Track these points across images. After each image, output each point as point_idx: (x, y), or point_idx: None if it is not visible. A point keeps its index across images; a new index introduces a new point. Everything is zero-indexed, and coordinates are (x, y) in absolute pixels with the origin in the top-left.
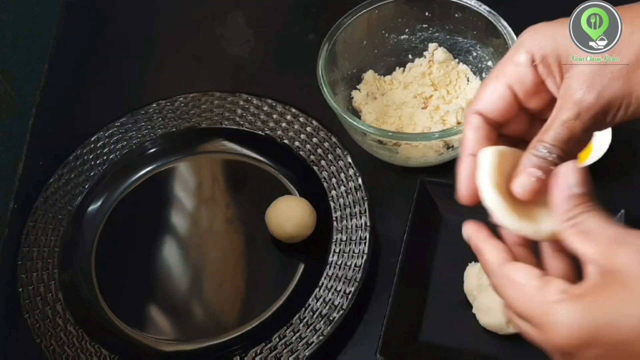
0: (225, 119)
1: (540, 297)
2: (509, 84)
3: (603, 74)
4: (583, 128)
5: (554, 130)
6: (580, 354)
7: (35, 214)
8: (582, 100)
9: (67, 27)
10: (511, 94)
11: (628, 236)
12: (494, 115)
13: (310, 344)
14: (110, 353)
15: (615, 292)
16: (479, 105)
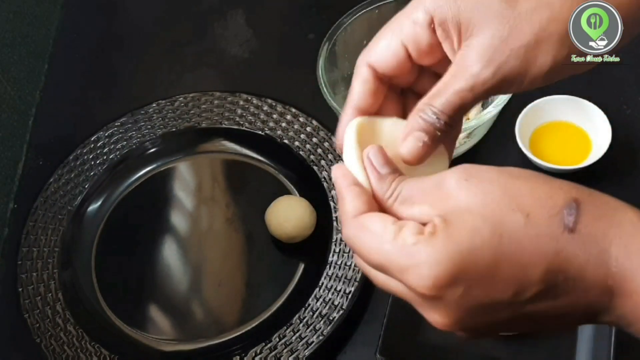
0: (225, 119)
1: (398, 242)
2: (404, 42)
3: (502, 51)
4: (474, 100)
5: (445, 97)
6: (446, 295)
7: (35, 214)
8: (479, 75)
9: (67, 27)
10: (405, 52)
11: (445, 178)
12: (385, 70)
13: (310, 344)
14: (110, 353)
15: (462, 224)
16: (372, 57)
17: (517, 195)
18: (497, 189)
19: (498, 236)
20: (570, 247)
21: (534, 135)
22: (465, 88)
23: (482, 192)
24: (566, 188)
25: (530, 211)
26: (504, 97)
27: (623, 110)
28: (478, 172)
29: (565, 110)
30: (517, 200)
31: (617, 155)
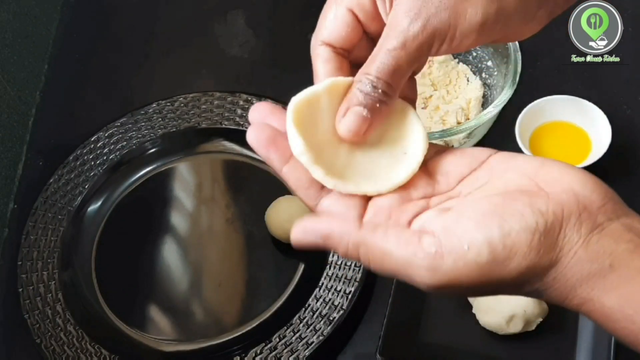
0: (225, 119)
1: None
2: (349, 7)
3: (430, 4)
4: (408, 60)
5: (379, 59)
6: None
7: (35, 214)
8: (408, 30)
9: (67, 27)
10: (353, 17)
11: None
12: (341, 42)
13: (310, 344)
14: (110, 353)
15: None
16: (324, 34)
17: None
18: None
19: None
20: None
21: (534, 135)
22: (396, 46)
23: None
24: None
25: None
26: (504, 97)
27: (623, 110)
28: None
29: (565, 110)
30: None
31: (617, 155)
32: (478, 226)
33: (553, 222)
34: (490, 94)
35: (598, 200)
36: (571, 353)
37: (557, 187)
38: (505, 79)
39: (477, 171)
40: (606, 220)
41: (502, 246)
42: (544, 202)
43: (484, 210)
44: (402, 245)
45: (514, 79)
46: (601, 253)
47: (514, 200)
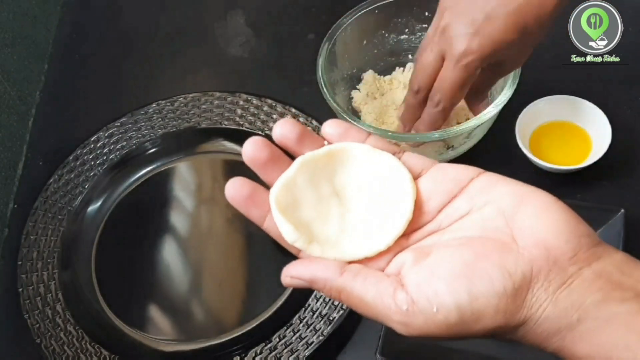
0: (225, 119)
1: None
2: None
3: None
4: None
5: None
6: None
7: (35, 214)
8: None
9: (67, 27)
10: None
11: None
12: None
13: (310, 344)
14: (110, 353)
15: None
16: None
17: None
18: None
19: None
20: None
21: (534, 135)
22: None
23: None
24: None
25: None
26: (504, 97)
27: (623, 110)
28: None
29: (565, 110)
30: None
31: (617, 155)
32: (448, 289)
33: (521, 284)
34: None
35: (570, 250)
36: None
37: (530, 239)
38: (505, 79)
39: (457, 199)
40: (577, 270)
41: (470, 311)
42: (513, 260)
43: (454, 270)
44: (378, 298)
45: (514, 78)
46: (569, 308)
47: (484, 258)
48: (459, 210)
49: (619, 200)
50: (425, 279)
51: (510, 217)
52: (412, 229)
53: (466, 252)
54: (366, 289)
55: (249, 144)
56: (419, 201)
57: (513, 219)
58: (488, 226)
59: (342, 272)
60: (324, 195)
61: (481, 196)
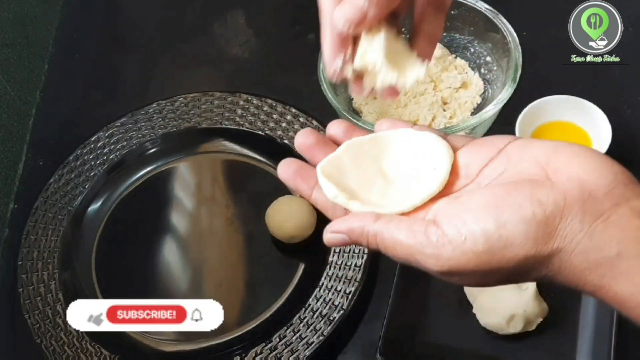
0: (225, 119)
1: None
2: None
3: None
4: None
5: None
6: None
7: (35, 214)
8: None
9: (67, 27)
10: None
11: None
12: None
13: (311, 344)
14: (110, 353)
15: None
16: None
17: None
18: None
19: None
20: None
21: (534, 135)
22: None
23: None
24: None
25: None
26: (504, 95)
27: (623, 110)
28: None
29: (565, 110)
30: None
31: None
32: (476, 218)
33: (553, 211)
34: (489, 90)
35: (605, 184)
36: (571, 353)
37: (564, 175)
38: (507, 75)
39: (494, 160)
40: (613, 205)
41: (498, 236)
42: (545, 191)
43: (485, 202)
44: (411, 235)
45: (515, 74)
46: (607, 242)
47: (516, 192)
48: (496, 169)
49: None
50: (456, 213)
51: (545, 163)
52: (452, 190)
53: (498, 189)
54: (399, 230)
55: (299, 134)
56: (457, 166)
57: (548, 164)
58: (523, 174)
59: (377, 219)
60: (368, 173)
61: (518, 154)
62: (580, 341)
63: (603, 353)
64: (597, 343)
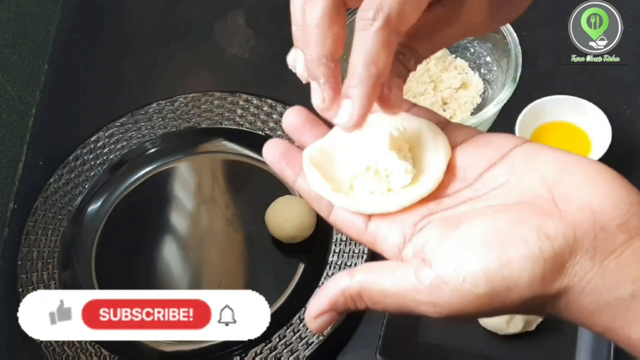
0: (225, 119)
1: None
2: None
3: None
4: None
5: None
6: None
7: (35, 214)
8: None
9: (67, 27)
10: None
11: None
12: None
13: (310, 344)
14: (110, 353)
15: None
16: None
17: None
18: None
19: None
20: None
21: (534, 135)
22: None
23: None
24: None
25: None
26: (504, 95)
27: (623, 110)
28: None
29: (565, 110)
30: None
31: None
32: (476, 256)
33: (562, 246)
34: (489, 91)
35: (619, 216)
36: (571, 353)
37: (574, 204)
38: (507, 75)
39: (497, 166)
40: (627, 239)
41: (501, 277)
42: (553, 223)
43: (485, 235)
44: (399, 282)
45: (514, 74)
46: (621, 281)
47: (520, 223)
48: (498, 178)
49: None
50: (452, 250)
51: (552, 184)
52: (446, 194)
53: (500, 219)
54: (383, 278)
55: (288, 112)
56: (454, 166)
57: (555, 186)
58: (528, 193)
59: (353, 274)
60: (357, 164)
61: (523, 164)
62: (580, 341)
63: (603, 353)
64: (597, 343)
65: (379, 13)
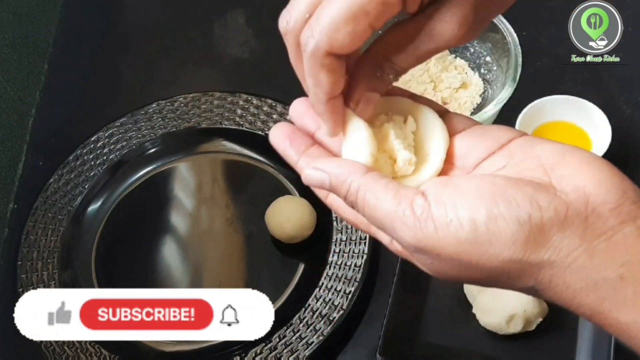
0: (225, 119)
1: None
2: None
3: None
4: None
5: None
6: (419, 259)
7: (35, 214)
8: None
9: (67, 27)
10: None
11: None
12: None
13: (311, 344)
14: (110, 353)
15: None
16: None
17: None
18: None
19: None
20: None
21: (533, 135)
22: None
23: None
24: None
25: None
26: (504, 95)
27: (623, 110)
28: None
29: (565, 110)
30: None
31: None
32: (468, 204)
33: (551, 219)
34: (489, 90)
35: (613, 201)
36: (571, 353)
37: (569, 185)
38: (506, 75)
39: (494, 155)
40: (618, 223)
41: (485, 229)
42: (548, 197)
43: (481, 189)
44: (396, 199)
45: (514, 74)
46: (609, 262)
47: (517, 188)
48: (496, 164)
49: None
50: (448, 194)
51: (550, 168)
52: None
53: (499, 179)
54: (387, 191)
55: (296, 102)
56: (452, 155)
57: (553, 170)
58: (525, 173)
59: (367, 172)
60: (366, 149)
61: (521, 153)
62: (580, 341)
63: (603, 353)
64: (597, 343)
65: (309, 40)
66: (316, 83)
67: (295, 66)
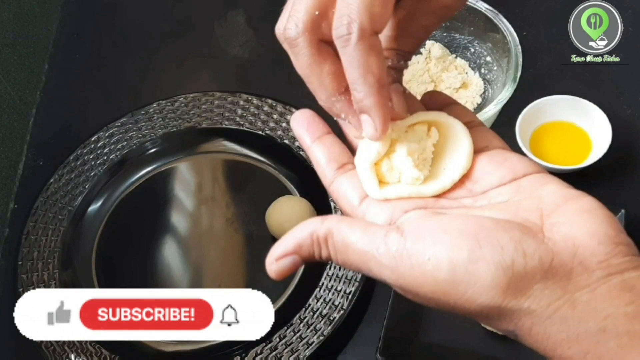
0: (225, 119)
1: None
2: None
3: None
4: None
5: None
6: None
7: (36, 214)
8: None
9: (67, 27)
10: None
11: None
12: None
13: (311, 344)
14: (110, 353)
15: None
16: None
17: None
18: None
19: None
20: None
21: (534, 135)
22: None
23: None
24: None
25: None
26: (504, 95)
27: (623, 110)
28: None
29: (565, 110)
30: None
31: (617, 155)
32: (449, 242)
33: (535, 268)
34: (490, 90)
35: (603, 253)
36: None
37: (559, 233)
38: (507, 75)
39: (504, 187)
40: (604, 276)
41: (465, 270)
42: (534, 244)
43: (466, 228)
44: (367, 239)
45: (515, 74)
46: (592, 314)
47: (504, 231)
48: (501, 195)
49: (619, 200)
50: (429, 229)
51: (547, 213)
52: (447, 197)
53: (486, 220)
54: (352, 230)
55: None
56: (466, 176)
57: (549, 215)
58: (521, 214)
59: (325, 219)
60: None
61: (529, 190)
62: None
63: None
64: None
65: (351, 26)
66: (367, 71)
67: (311, 71)
